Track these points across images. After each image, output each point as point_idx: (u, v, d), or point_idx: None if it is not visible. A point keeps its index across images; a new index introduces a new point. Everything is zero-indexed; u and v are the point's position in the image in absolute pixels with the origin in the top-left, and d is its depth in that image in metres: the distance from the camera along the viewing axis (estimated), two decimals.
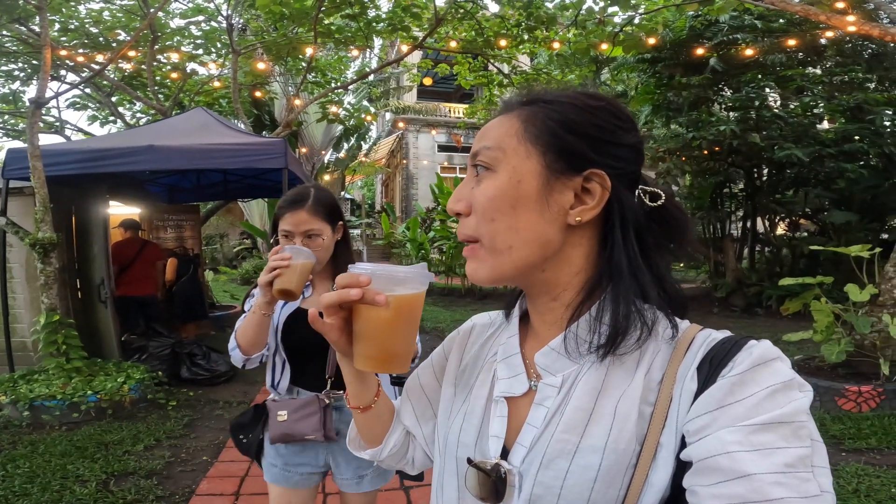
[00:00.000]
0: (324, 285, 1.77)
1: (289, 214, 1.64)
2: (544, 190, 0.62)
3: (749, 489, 0.48)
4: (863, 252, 4.32)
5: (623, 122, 0.65)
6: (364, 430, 0.87)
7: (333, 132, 14.81)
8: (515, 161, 0.63)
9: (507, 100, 0.70)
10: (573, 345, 0.64)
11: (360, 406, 0.82)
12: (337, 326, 0.68)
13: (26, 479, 3.25)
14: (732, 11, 7.80)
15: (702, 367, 0.58)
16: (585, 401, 0.62)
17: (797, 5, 5.10)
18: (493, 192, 0.63)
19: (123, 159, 4.67)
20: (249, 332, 1.58)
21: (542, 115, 0.64)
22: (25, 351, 5.23)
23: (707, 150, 9.03)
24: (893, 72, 8.72)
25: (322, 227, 1.66)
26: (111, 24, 8.33)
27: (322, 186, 1.76)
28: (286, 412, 1.65)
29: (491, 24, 8.51)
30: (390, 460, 0.88)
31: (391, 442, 0.86)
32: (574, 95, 0.65)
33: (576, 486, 0.58)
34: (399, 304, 0.65)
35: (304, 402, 1.65)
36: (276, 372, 1.75)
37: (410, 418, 0.86)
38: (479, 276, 0.66)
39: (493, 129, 0.66)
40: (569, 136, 0.63)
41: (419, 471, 0.91)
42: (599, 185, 0.62)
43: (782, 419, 0.51)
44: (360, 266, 0.66)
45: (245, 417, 1.79)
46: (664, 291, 0.65)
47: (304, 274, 1.49)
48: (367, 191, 34.53)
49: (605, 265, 0.64)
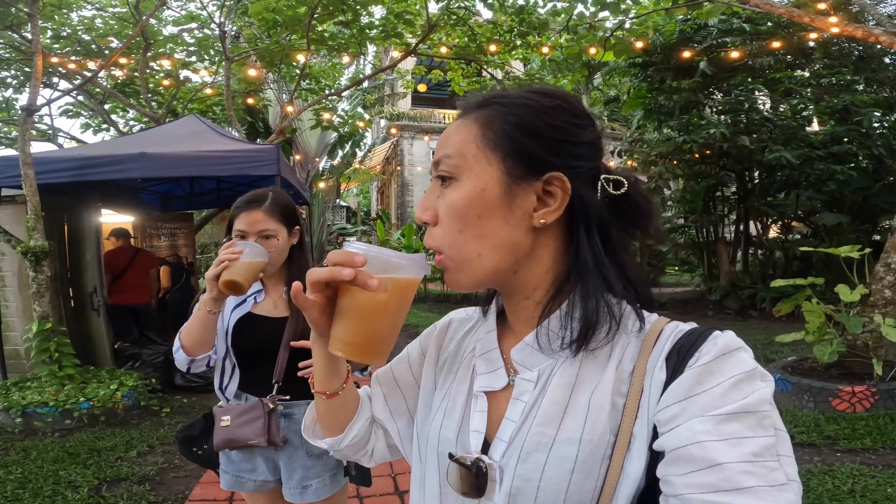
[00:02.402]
0: (277, 290, 1.75)
1: (244, 214, 1.63)
2: (507, 196, 0.63)
3: (720, 478, 0.50)
4: (852, 253, 4.35)
5: (580, 119, 0.66)
6: (325, 417, 0.83)
7: (328, 139, 14.81)
8: (477, 169, 0.63)
9: (463, 103, 0.70)
10: (546, 340, 0.65)
11: (327, 392, 0.78)
12: (319, 304, 0.64)
13: (18, 485, 3.25)
14: (721, 15, 7.89)
15: (670, 357, 0.60)
16: (560, 394, 0.63)
17: (781, 7, 5.17)
18: (458, 204, 0.63)
19: (115, 167, 4.66)
20: (194, 331, 1.54)
21: (498, 119, 0.64)
22: (18, 359, 5.22)
23: (698, 154, 9.08)
24: (881, 73, 8.80)
25: (277, 228, 1.65)
26: (104, 32, 8.32)
27: (281, 191, 1.74)
28: (229, 417, 1.62)
29: (484, 30, 8.55)
30: (349, 450, 0.85)
31: (354, 430, 0.83)
32: (529, 96, 0.66)
33: (554, 478, 0.59)
34: (393, 289, 0.62)
35: (247, 407, 1.63)
36: (225, 376, 1.72)
37: (383, 410, 0.84)
38: (454, 283, 0.67)
39: (453, 136, 0.66)
40: (526, 139, 0.63)
41: (377, 463, 0.89)
42: (560, 188, 0.63)
43: (748, 409, 0.52)
44: (355, 244, 0.61)
45: (194, 429, 1.77)
46: (630, 284, 0.66)
47: (254, 270, 1.48)
48: (362, 198, 34.55)
49: (573, 263, 0.65)
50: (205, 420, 1.76)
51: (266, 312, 1.71)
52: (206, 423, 1.75)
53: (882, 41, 4.68)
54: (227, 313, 1.70)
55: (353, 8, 7.31)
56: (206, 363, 1.63)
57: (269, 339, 1.67)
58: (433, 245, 0.66)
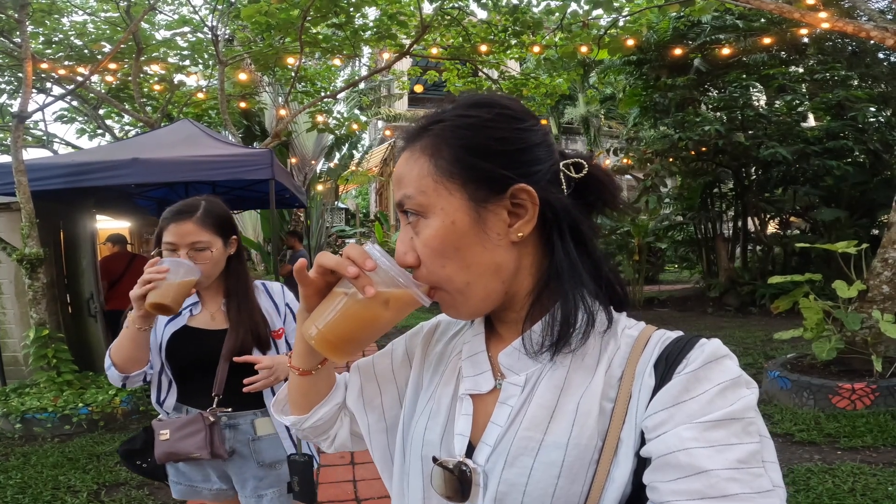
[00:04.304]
0: (214, 302, 1.69)
1: (173, 225, 1.54)
2: (478, 223, 0.62)
3: (706, 485, 0.50)
4: (849, 248, 4.34)
5: (523, 122, 0.65)
6: (294, 393, 0.83)
7: (325, 142, 14.78)
8: (441, 203, 0.62)
9: (403, 133, 0.69)
10: (530, 344, 0.65)
11: (300, 368, 0.77)
12: (317, 285, 0.65)
13: (18, 490, 3.27)
14: (714, 12, 7.90)
15: (658, 364, 0.60)
16: (548, 398, 0.63)
17: (772, 3, 5.16)
18: (433, 242, 0.63)
19: (108, 173, 4.64)
20: (124, 349, 1.49)
21: (445, 147, 0.63)
22: (17, 365, 5.25)
23: (694, 151, 9.10)
24: (875, 68, 8.82)
25: (211, 240, 1.57)
26: (96, 37, 8.30)
27: (215, 199, 1.66)
28: (168, 431, 1.59)
29: (478, 31, 8.55)
30: (311, 431, 0.84)
31: (320, 413, 0.82)
32: (466, 113, 0.64)
33: (540, 483, 0.59)
34: (392, 304, 0.61)
35: (186, 421, 1.59)
36: (162, 391, 1.68)
37: (356, 401, 0.84)
38: (454, 314, 0.68)
39: (407, 174, 0.65)
40: (479, 161, 0.62)
41: (336, 450, 0.88)
42: (527, 199, 0.63)
43: (733, 416, 0.53)
44: (375, 249, 0.62)
45: (136, 443, 1.73)
46: (603, 283, 0.66)
47: (184, 289, 1.41)
48: (361, 200, 34.53)
49: (550, 266, 0.65)
50: (145, 433, 1.71)
51: (203, 325, 1.66)
52: (146, 437, 1.70)
53: (873, 36, 4.67)
54: (161, 328, 1.64)
55: (346, 10, 7.30)
56: (143, 378, 1.59)
57: (207, 351, 1.63)
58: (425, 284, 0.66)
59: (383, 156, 24.91)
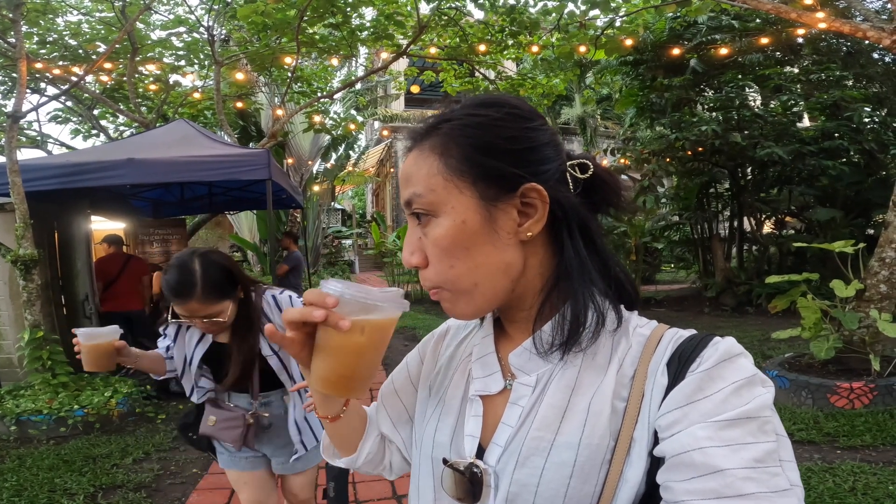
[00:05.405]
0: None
1: (179, 306, 1.59)
2: (489, 221, 0.62)
3: (722, 484, 0.50)
4: (846, 248, 4.35)
5: (532, 122, 0.65)
6: (335, 438, 0.85)
7: (321, 142, 14.77)
8: (452, 201, 0.62)
9: (410, 132, 0.68)
10: (542, 345, 0.65)
11: (328, 416, 0.79)
12: (298, 341, 0.63)
13: (14, 493, 3.25)
14: (710, 12, 7.91)
15: (671, 362, 0.60)
16: (559, 398, 0.62)
17: (768, 3, 5.16)
18: (443, 241, 0.62)
19: (102, 173, 4.60)
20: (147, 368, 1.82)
21: (454, 145, 0.63)
22: (11, 367, 5.22)
23: (690, 151, 9.12)
24: (870, 69, 8.85)
25: (219, 308, 1.61)
26: (90, 37, 8.26)
27: (209, 256, 1.64)
28: (215, 419, 1.82)
29: (475, 31, 8.55)
30: (367, 466, 0.86)
31: (366, 449, 0.84)
32: (475, 112, 0.64)
33: (552, 483, 0.59)
34: (369, 330, 0.61)
35: (232, 416, 1.82)
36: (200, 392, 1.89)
37: (387, 425, 0.85)
38: (457, 314, 0.67)
39: (415, 172, 0.64)
40: (489, 159, 0.62)
41: (398, 475, 0.89)
42: (537, 198, 0.62)
43: (749, 414, 0.52)
44: (330, 284, 0.61)
45: (189, 417, 1.97)
46: (613, 282, 0.66)
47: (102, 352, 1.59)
48: (357, 200, 34.51)
49: (560, 266, 0.65)
50: (197, 409, 1.92)
51: (228, 339, 1.82)
52: (198, 412, 1.91)
53: (869, 36, 4.68)
54: (191, 350, 1.82)
55: (342, 10, 7.29)
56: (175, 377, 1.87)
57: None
58: (430, 286, 0.65)
59: (380, 156, 24.93)
